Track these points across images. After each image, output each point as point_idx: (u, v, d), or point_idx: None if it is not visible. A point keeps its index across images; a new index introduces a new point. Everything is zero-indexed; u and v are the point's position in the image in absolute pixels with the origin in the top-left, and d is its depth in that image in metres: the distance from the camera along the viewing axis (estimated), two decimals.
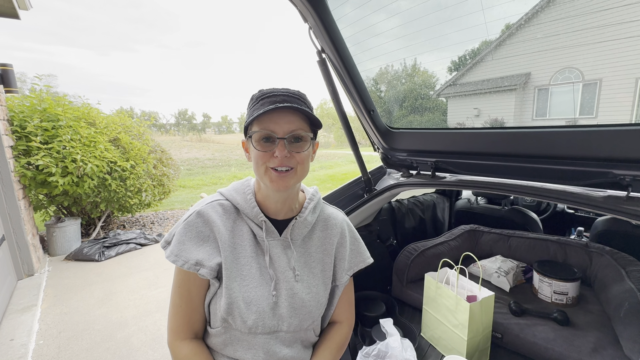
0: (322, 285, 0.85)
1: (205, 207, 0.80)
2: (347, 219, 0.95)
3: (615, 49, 1.20)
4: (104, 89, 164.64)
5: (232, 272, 0.76)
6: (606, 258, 1.49)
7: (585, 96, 1.61)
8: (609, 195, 1.02)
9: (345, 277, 0.89)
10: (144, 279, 3.17)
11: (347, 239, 0.91)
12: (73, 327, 2.38)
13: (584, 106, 1.64)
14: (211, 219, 0.78)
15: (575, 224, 2.37)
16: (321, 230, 0.88)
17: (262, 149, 0.73)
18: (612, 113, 1.63)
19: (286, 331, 0.80)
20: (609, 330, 1.25)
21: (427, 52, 1.52)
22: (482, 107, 2.01)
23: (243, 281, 0.77)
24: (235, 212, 0.82)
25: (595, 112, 1.61)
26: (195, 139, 21.31)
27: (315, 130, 0.79)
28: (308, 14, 1.18)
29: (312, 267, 0.85)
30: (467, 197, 2.54)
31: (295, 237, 0.83)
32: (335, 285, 0.90)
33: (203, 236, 0.77)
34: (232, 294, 0.75)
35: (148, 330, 2.34)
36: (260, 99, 0.74)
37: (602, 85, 1.54)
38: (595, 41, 1.19)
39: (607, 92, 1.52)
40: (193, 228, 0.77)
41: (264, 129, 0.72)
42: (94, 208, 4.07)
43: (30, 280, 3.02)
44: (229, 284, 0.75)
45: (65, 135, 3.43)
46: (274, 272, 0.80)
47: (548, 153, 1.13)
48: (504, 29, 1.35)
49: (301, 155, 0.75)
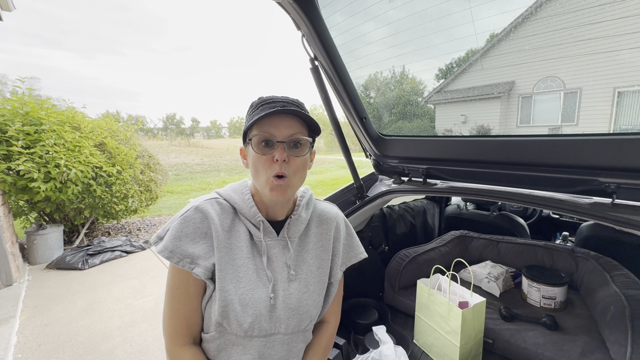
0: (319, 284, 0.84)
1: (204, 203, 0.78)
2: (341, 213, 0.95)
3: (595, 60, 1.25)
4: (89, 93, 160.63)
5: (227, 274, 0.74)
6: (591, 263, 1.53)
7: (566, 104, 1.66)
8: (595, 202, 1.05)
9: (340, 273, 0.89)
10: (129, 287, 3.08)
11: (342, 233, 0.91)
12: (54, 339, 2.28)
13: (566, 114, 1.70)
14: (209, 216, 0.76)
15: (560, 229, 2.43)
16: (317, 226, 0.88)
17: (262, 153, 0.73)
18: (593, 121, 1.69)
19: (284, 333, 0.78)
20: (596, 334, 1.27)
21: (415, 60, 1.55)
22: (468, 113, 2.05)
23: (239, 283, 0.75)
24: (232, 212, 0.81)
25: (576, 120, 1.67)
26: (183, 144, 20.99)
27: (314, 136, 0.79)
28: (301, 22, 1.19)
29: (309, 264, 0.84)
30: (457, 203, 2.58)
31: (292, 236, 0.83)
32: (330, 282, 0.89)
33: (200, 232, 0.75)
34: (227, 296, 0.72)
35: (134, 341, 2.27)
36: (260, 105, 0.75)
37: (582, 94, 1.60)
38: (576, 54, 1.24)
39: (587, 101, 1.58)
40: (190, 223, 0.74)
41: (264, 132, 0.72)
42: (77, 214, 3.94)
43: (9, 291, 2.90)
44: (223, 286, 0.73)
45: (49, 139, 3.33)
46: (271, 274, 0.78)
47: (535, 161, 1.16)
48: (489, 39, 1.39)
49: (299, 160, 0.75)
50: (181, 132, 53.03)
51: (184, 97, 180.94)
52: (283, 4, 1.13)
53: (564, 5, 1.14)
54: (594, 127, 1.83)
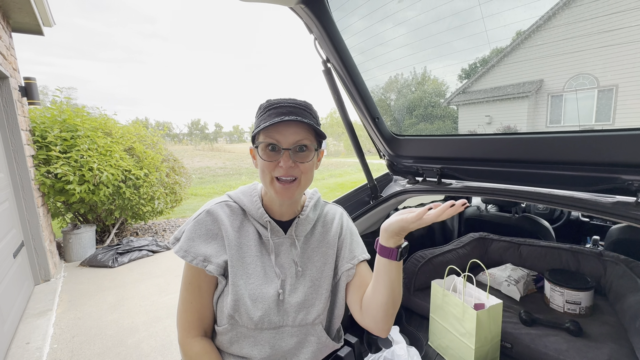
0: (325, 279, 0.86)
1: (215, 207, 0.84)
2: (344, 212, 0.98)
3: (630, 53, 1.17)
4: (120, 101, 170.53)
5: (238, 270, 0.79)
6: (621, 267, 1.44)
7: (601, 102, 1.57)
8: (618, 200, 1.00)
9: (346, 265, 0.88)
10: (155, 285, 3.22)
11: (345, 228, 0.93)
12: (86, 331, 2.43)
13: (600, 113, 1.60)
14: (219, 218, 0.82)
15: (590, 233, 2.30)
16: (322, 226, 0.92)
17: (268, 159, 0.77)
18: (631, 119, 1.59)
19: (292, 325, 0.82)
20: (625, 342, 1.20)
21: (436, 60, 1.53)
22: (493, 114, 1.99)
23: (249, 279, 0.80)
24: (242, 214, 0.86)
25: (612, 119, 1.58)
26: (207, 148, 21.70)
27: (320, 140, 0.82)
28: (313, 26, 1.22)
29: (314, 261, 0.87)
30: (477, 205, 2.51)
31: (299, 234, 0.87)
32: (338, 279, 0.89)
33: (212, 234, 0.81)
34: (239, 290, 0.77)
35: (158, 336, 2.37)
36: (267, 109, 0.78)
37: (618, 91, 1.51)
38: (609, 44, 1.16)
39: (624, 98, 1.48)
40: (202, 225, 0.81)
41: (270, 139, 0.76)
42: (108, 215, 4.18)
43: (47, 286, 3.11)
44: (235, 281, 0.78)
45: (83, 144, 3.56)
46: (279, 270, 0.83)
47: (553, 159, 1.12)
48: (515, 37, 1.35)
49: (305, 165, 0.78)
50: (205, 137, 54.74)
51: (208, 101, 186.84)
52: (295, 9, 1.17)
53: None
54: (631, 125, 1.71)
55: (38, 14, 3.18)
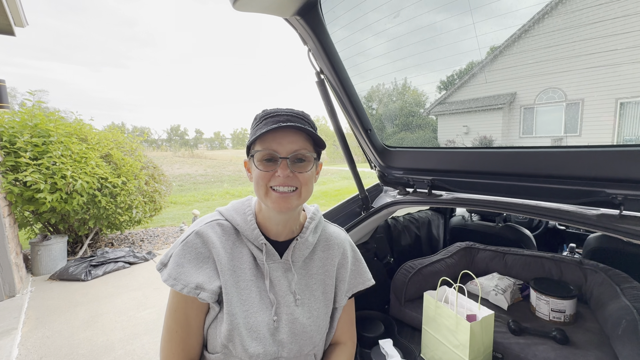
0: (323, 309, 0.83)
1: (204, 227, 0.77)
2: (349, 239, 0.94)
3: (596, 73, 1.26)
4: (96, 105, 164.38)
5: (233, 297, 0.74)
6: (601, 275, 1.50)
7: (569, 115, 1.67)
8: (602, 213, 1.04)
9: (345, 300, 0.88)
10: (132, 299, 3.06)
11: (349, 260, 0.90)
12: (55, 351, 2.26)
13: (569, 124, 1.70)
14: (210, 240, 0.75)
15: (567, 240, 2.40)
16: (322, 251, 0.87)
17: (265, 169, 0.72)
18: (596, 131, 1.69)
19: (286, 357, 0.77)
20: (608, 348, 1.25)
21: (417, 73, 1.59)
22: (470, 124, 2.07)
23: (243, 306, 0.74)
24: (234, 233, 0.80)
25: (579, 131, 1.68)
26: (187, 155, 21.18)
27: (319, 150, 0.79)
28: (308, 37, 1.22)
29: (313, 289, 0.83)
30: (462, 214, 2.56)
31: (296, 259, 0.81)
32: (335, 307, 0.88)
33: (202, 257, 0.74)
34: (234, 320, 0.72)
35: (135, 354, 2.24)
36: (263, 119, 0.74)
37: (584, 105, 1.61)
38: (577, 67, 1.26)
39: (590, 112, 1.59)
40: (192, 249, 0.74)
41: (267, 148, 0.72)
42: (82, 225, 3.96)
43: (11, 302, 2.89)
44: (230, 310, 0.72)
45: (56, 151, 3.38)
46: (274, 297, 0.77)
47: (540, 172, 1.16)
48: (489, 51, 1.42)
49: (304, 176, 0.74)
50: (185, 143, 53.51)
51: (187, 105, 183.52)
52: (290, 21, 1.17)
53: (565, 21, 1.16)
54: (598, 137, 1.84)
55: (10, 14, 3.02)
